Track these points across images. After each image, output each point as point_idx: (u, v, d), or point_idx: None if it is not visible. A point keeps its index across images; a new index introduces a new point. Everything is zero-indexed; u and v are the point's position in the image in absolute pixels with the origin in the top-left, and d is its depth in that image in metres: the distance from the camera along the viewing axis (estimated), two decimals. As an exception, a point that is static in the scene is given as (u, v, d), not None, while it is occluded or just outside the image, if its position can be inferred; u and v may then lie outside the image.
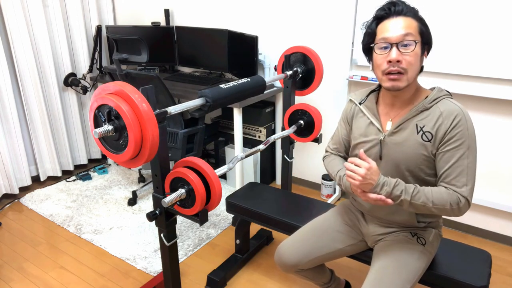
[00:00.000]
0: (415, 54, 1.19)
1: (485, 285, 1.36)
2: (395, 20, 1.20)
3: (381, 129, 1.34)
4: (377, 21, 1.24)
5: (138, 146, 1.16)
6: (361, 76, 2.43)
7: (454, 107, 1.23)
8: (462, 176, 1.21)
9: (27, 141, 2.97)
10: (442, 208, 1.21)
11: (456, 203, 1.21)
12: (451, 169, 1.22)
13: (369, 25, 1.27)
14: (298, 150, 2.94)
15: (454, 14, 2.06)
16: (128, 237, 2.37)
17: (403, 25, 1.19)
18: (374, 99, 1.39)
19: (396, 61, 1.19)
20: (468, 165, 1.21)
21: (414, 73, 1.22)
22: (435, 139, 1.24)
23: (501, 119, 2.15)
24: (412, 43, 1.18)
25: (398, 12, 1.20)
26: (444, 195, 1.21)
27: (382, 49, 1.21)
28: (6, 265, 2.14)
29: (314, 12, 2.54)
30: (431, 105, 1.26)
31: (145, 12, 3.32)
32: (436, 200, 1.21)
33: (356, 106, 1.44)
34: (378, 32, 1.23)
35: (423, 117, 1.26)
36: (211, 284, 1.96)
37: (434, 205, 1.20)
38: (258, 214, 1.87)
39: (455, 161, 1.21)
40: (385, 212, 1.41)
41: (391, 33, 1.19)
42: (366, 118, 1.39)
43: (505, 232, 2.32)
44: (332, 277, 1.71)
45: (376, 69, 1.26)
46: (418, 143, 1.26)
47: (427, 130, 1.25)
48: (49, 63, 2.88)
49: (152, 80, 2.20)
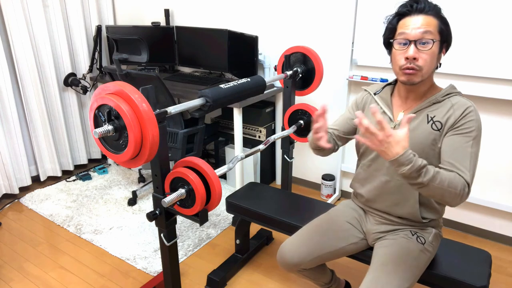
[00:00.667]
0: (432, 52, 1.21)
1: (485, 285, 1.36)
2: (416, 18, 1.22)
3: (392, 119, 1.36)
4: (398, 17, 1.27)
5: (138, 146, 1.16)
6: (361, 76, 2.43)
7: (466, 102, 1.26)
8: (465, 161, 1.20)
9: (27, 141, 2.97)
10: (453, 192, 1.14)
11: (463, 187, 1.16)
12: (457, 152, 1.21)
13: (391, 20, 1.29)
14: (298, 150, 2.94)
15: (457, 15, 2.06)
16: (128, 237, 2.37)
17: (423, 23, 1.21)
18: (389, 91, 1.42)
19: (412, 58, 1.21)
20: (472, 153, 1.21)
21: (430, 70, 1.25)
22: (444, 128, 1.26)
23: (501, 119, 2.15)
24: (430, 41, 1.20)
25: (419, 10, 1.22)
26: (456, 178, 1.15)
27: (401, 45, 1.24)
28: (6, 265, 2.14)
29: (314, 12, 2.54)
30: (444, 99, 1.29)
31: (145, 12, 3.32)
32: (450, 183, 1.13)
33: (370, 95, 1.47)
34: (399, 27, 1.25)
35: (435, 108, 1.29)
36: (211, 284, 1.96)
37: (449, 187, 1.13)
38: (258, 214, 1.87)
39: (461, 145, 1.22)
40: (388, 204, 1.42)
41: (410, 30, 1.21)
42: (379, 108, 1.41)
43: (505, 232, 2.32)
44: (333, 277, 1.71)
45: (394, 63, 1.29)
46: (428, 132, 1.28)
47: (437, 119, 1.27)
48: (49, 63, 2.88)
49: (152, 80, 2.20)
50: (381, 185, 1.42)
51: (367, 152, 1.46)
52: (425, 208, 1.38)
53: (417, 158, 1.10)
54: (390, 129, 1.08)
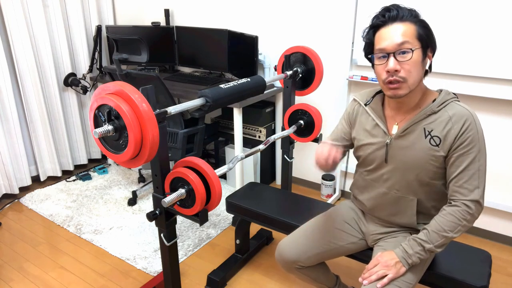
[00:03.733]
0: (413, 62, 1.16)
1: (485, 285, 1.36)
2: (391, 28, 1.17)
3: (387, 132, 1.32)
4: (373, 29, 1.22)
5: (138, 146, 1.16)
6: (361, 76, 2.43)
7: (463, 111, 1.21)
8: (473, 180, 1.20)
9: (27, 141, 2.97)
10: (459, 229, 1.22)
11: (466, 214, 1.20)
12: (463, 173, 1.21)
13: (366, 34, 1.25)
14: (298, 150, 2.94)
15: (456, 15, 2.06)
16: (128, 237, 2.37)
17: (399, 32, 1.16)
18: (380, 101, 1.37)
19: (394, 71, 1.17)
20: (479, 167, 1.20)
21: (416, 80, 1.19)
22: (444, 144, 1.22)
23: (502, 119, 2.15)
24: (409, 51, 1.15)
25: (393, 18, 1.17)
26: (449, 217, 1.22)
27: (380, 58, 1.20)
28: (6, 265, 2.14)
29: (314, 12, 2.54)
30: (439, 109, 1.23)
31: (145, 12, 3.32)
32: (448, 227, 1.22)
33: (360, 106, 1.42)
34: (376, 41, 1.21)
35: (431, 120, 1.24)
36: (211, 284, 1.96)
37: (452, 232, 1.22)
38: (258, 214, 1.87)
39: (467, 165, 1.20)
40: (386, 213, 1.41)
41: (387, 42, 1.16)
42: (371, 120, 1.37)
43: (505, 232, 2.32)
44: (338, 282, 1.69)
45: (378, 77, 1.25)
46: (426, 148, 1.25)
47: (435, 134, 1.23)
48: (49, 63, 2.88)
49: (152, 80, 2.20)
50: (379, 196, 1.40)
51: (365, 162, 1.42)
52: (424, 216, 1.37)
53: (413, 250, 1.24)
54: (374, 260, 1.29)
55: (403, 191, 1.34)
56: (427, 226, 1.25)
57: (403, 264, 1.25)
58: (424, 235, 1.24)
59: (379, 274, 1.25)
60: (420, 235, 1.25)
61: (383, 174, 1.36)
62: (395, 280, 1.25)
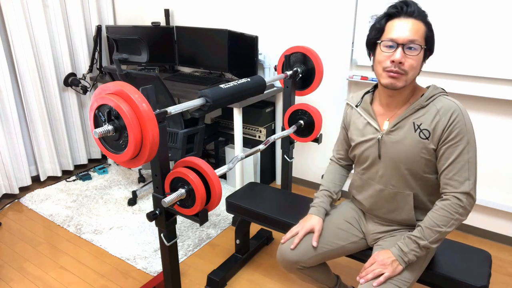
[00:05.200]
0: (418, 58, 1.21)
1: (485, 285, 1.36)
2: (405, 21, 1.21)
3: (378, 129, 1.36)
4: (387, 17, 1.25)
5: (138, 146, 1.16)
6: (361, 76, 2.43)
7: (450, 104, 1.24)
8: (463, 171, 1.23)
9: (27, 141, 2.97)
10: (452, 222, 1.23)
11: (458, 207, 1.23)
12: (453, 165, 1.23)
13: (379, 20, 1.27)
14: (298, 150, 2.94)
15: (453, 14, 2.06)
16: (128, 237, 2.37)
17: (412, 28, 1.20)
18: (368, 99, 1.41)
19: (398, 62, 1.20)
20: (469, 160, 1.23)
21: (414, 76, 1.24)
22: (433, 136, 1.25)
23: (501, 119, 2.15)
24: (418, 47, 1.20)
25: (409, 13, 1.21)
26: (441, 211, 1.24)
27: (387, 47, 1.23)
28: (6, 265, 2.14)
29: (314, 12, 2.54)
30: (427, 103, 1.28)
31: (145, 12, 3.32)
32: (441, 222, 1.23)
33: (353, 108, 1.47)
34: (387, 29, 1.24)
35: (420, 115, 1.28)
36: (211, 284, 1.96)
37: (445, 227, 1.23)
38: (258, 214, 1.87)
39: (456, 157, 1.23)
40: (384, 211, 1.43)
41: (399, 33, 1.20)
42: (363, 119, 1.42)
43: (505, 232, 2.32)
44: (338, 282, 1.70)
45: (377, 64, 1.27)
46: (416, 141, 1.28)
47: (424, 127, 1.27)
48: (49, 63, 2.88)
49: (152, 80, 2.20)
50: (376, 193, 1.42)
51: (360, 160, 1.46)
52: (422, 211, 1.38)
53: (408, 248, 1.26)
54: (371, 259, 1.31)
55: (399, 186, 1.36)
56: (421, 223, 1.27)
57: (399, 262, 1.27)
58: (418, 232, 1.26)
59: (376, 273, 1.26)
60: (415, 232, 1.27)
61: (378, 170, 1.39)
62: (392, 279, 1.26)
